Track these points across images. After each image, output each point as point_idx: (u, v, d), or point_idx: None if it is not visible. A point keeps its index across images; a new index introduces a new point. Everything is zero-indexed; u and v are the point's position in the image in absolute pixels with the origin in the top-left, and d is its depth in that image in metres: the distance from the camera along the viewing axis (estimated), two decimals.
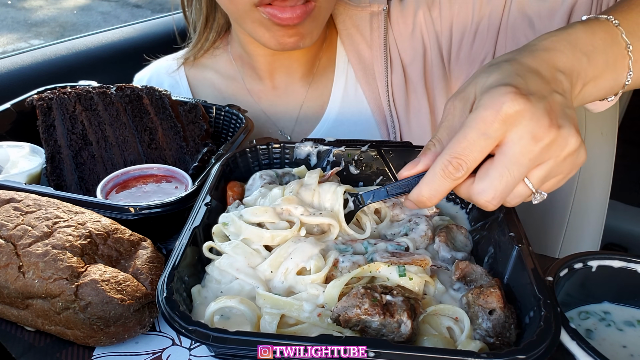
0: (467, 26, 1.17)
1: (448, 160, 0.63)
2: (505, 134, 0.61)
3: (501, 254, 0.74)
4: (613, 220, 1.68)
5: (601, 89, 0.76)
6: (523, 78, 0.64)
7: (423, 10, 1.21)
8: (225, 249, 0.75)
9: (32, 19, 6.93)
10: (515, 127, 0.60)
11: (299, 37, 1.09)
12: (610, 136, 1.44)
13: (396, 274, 0.71)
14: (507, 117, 0.60)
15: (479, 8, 1.15)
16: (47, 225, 0.78)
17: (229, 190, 0.89)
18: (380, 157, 0.94)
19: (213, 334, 0.58)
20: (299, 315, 0.68)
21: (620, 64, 0.76)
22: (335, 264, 0.74)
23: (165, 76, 1.41)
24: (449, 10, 1.18)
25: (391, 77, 1.26)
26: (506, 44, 1.14)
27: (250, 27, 1.11)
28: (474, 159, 0.62)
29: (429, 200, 0.66)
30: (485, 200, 0.64)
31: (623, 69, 0.76)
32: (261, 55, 1.29)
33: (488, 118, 0.60)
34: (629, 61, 0.76)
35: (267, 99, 1.36)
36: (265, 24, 1.07)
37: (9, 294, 0.74)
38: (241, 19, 1.12)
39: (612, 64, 0.75)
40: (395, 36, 1.26)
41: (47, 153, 1.10)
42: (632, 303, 0.76)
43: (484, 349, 0.63)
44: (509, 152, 0.61)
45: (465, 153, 0.62)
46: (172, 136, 1.13)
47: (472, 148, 0.62)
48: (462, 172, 0.63)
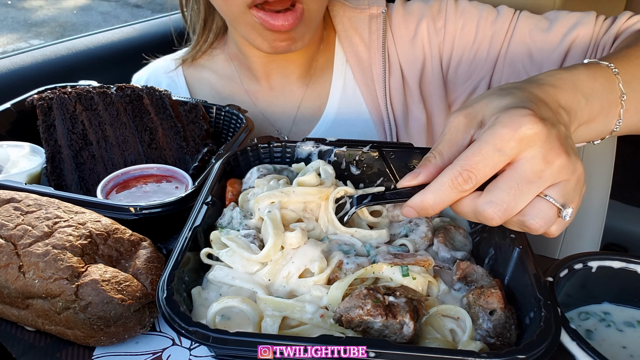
0: (469, 43, 1.21)
1: (459, 172, 0.63)
2: (519, 153, 0.62)
3: (502, 256, 0.74)
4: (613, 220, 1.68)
5: (592, 132, 0.79)
6: (536, 105, 0.65)
7: (427, 19, 1.23)
8: (222, 256, 0.75)
9: (32, 19, 6.93)
10: (530, 147, 0.61)
11: (290, 41, 1.10)
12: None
13: (399, 274, 0.71)
14: (524, 137, 0.61)
15: (483, 28, 1.18)
16: (48, 225, 0.78)
17: (228, 186, 0.88)
18: (381, 158, 0.94)
19: (213, 335, 0.58)
20: (302, 317, 0.67)
21: (613, 111, 0.79)
22: (340, 265, 0.73)
23: (163, 76, 1.42)
24: (454, 25, 1.20)
25: (389, 80, 1.27)
26: (504, 69, 1.18)
27: (243, 30, 1.12)
28: (484, 173, 0.62)
29: (432, 208, 0.66)
30: (492, 212, 0.63)
31: (614, 117, 0.80)
32: (257, 57, 1.29)
33: (505, 136, 0.61)
34: (620, 110, 0.79)
35: (264, 100, 1.36)
36: (258, 28, 1.08)
37: (9, 293, 0.74)
38: (235, 22, 1.13)
39: (606, 110, 0.78)
40: (395, 40, 1.27)
41: (47, 153, 1.10)
42: (632, 304, 0.76)
43: (484, 349, 0.64)
44: (519, 168, 0.62)
45: (478, 167, 0.62)
46: (172, 136, 1.13)
47: (484, 162, 0.62)
48: (470, 185, 0.63)
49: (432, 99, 1.28)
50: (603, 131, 0.81)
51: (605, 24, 1.10)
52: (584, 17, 1.12)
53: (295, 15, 1.06)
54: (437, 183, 0.65)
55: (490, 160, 0.62)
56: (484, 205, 0.63)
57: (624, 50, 0.89)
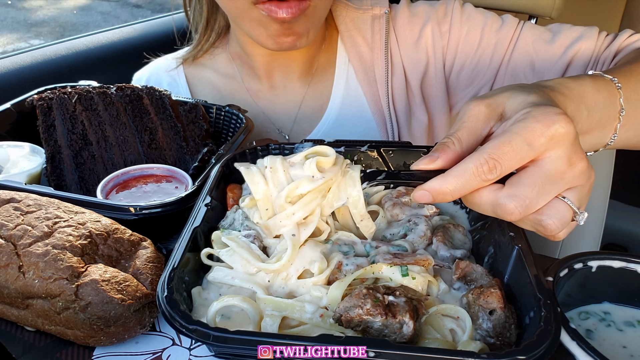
0: (473, 50, 1.22)
1: (485, 159, 0.62)
2: (545, 151, 0.62)
3: (501, 254, 0.74)
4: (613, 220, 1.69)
5: (585, 144, 0.79)
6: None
7: (433, 23, 1.23)
8: (223, 256, 0.75)
9: (32, 19, 6.93)
10: (557, 147, 0.61)
11: (295, 36, 1.10)
12: None
13: (399, 274, 0.71)
14: (555, 135, 0.61)
15: (487, 35, 1.20)
16: (47, 225, 0.78)
17: (228, 192, 0.89)
18: (380, 158, 0.94)
19: (213, 334, 0.58)
20: (301, 317, 0.67)
21: (609, 125, 0.80)
22: (339, 266, 0.73)
23: (164, 74, 1.42)
24: (459, 30, 1.21)
25: (392, 80, 1.27)
26: (505, 77, 1.20)
27: (248, 26, 1.12)
28: (510, 165, 0.62)
29: (451, 194, 0.64)
30: (513, 206, 0.62)
31: (610, 130, 0.80)
32: (259, 55, 1.29)
33: (537, 131, 0.61)
34: (617, 124, 0.80)
35: (265, 98, 1.36)
36: (263, 22, 1.08)
37: (9, 293, 0.74)
38: (240, 18, 1.12)
39: (603, 123, 0.79)
40: (399, 41, 1.27)
41: (47, 153, 1.10)
42: (632, 303, 0.76)
43: (484, 349, 0.63)
44: (545, 166, 0.62)
45: (505, 158, 0.61)
46: (172, 136, 1.13)
47: (512, 154, 0.61)
48: (494, 175, 0.62)
49: (434, 101, 1.29)
50: (597, 144, 0.81)
51: (606, 40, 1.13)
52: (586, 31, 1.13)
53: (298, 7, 1.05)
54: (460, 169, 0.63)
55: (518, 152, 0.61)
56: (506, 198, 0.62)
57: (627, 65, 0.90)
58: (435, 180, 0.65)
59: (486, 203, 0.65)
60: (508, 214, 0.63)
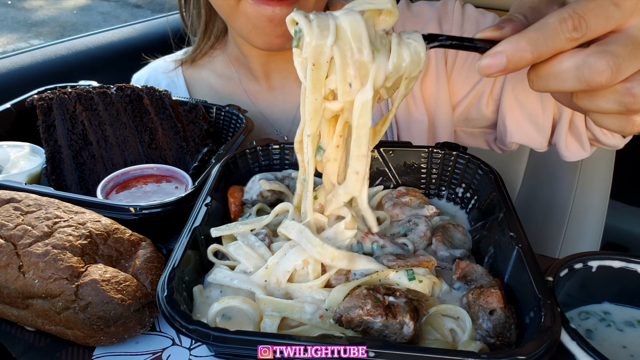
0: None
1: (570, 14, 0.54)
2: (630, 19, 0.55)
3: (501, 254, 0.74)
4: (613, 220, 1.68)
5: None
6: None
7: (434, 23, 1.23)
8: (229, 249, 0.77)
9: (32, 19, 6.93)
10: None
11: (285, 37, 1.09)
12: None
13: (405, 278, 0.70)
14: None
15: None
16: (47, 225, 0.78)
17: (229, 197, 0.88)
18: (380, 157, 0.94)
19: (213, 334, 0.58)
20: (301, 317, 0.67)
21: None
22: (347, 274, 0.73)
23: (162, 76, 1.42)
24: (460, 28, 1.20)
25: None
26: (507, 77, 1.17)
27: (239, 25, 1.11)
28: (595, 24, 0.54)
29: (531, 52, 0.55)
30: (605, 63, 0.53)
31: None
32: (256, 57, 1.29)
33: None
34: None
35: (263, 99, 1.36)
36: (252, 19, 1.06)
37: (9, 293, 0.74)
38: (231, 17, 1.12)
39: None
40: None
41: (47, 153, 1.10)
42: (632, 303, 0.76)
43: (484, 349, 0.63)
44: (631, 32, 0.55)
45: (590, 14, 0.54)
46: (172, 136, 1.13)
47: (598, 11, 0.54)
48: (579, 34, 0.54)
49: (435, 102, 1.28)
50: None
51: None
52: None
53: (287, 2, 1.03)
54: (540, 23, 0.55)
55: (604, 11, 0.54)
56: (595, 55, 0.54)
57: None
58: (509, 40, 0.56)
59: (568, 68, 0.55)
60: (599, 73, 0.53)
